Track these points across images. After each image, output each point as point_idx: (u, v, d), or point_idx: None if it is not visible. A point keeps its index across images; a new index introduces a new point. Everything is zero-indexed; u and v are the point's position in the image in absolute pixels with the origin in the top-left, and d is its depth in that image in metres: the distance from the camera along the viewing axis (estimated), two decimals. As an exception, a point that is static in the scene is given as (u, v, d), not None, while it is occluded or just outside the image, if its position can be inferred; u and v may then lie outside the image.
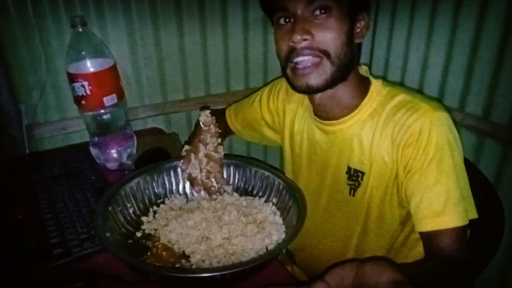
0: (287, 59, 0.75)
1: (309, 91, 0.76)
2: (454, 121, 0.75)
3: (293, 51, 0.73)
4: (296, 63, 0.73)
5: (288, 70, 0.77)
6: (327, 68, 0.73)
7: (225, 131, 1.08)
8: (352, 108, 0.79)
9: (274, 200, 0.86)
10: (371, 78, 0.81)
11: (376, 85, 0.79)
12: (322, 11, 0.71)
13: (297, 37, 0.70)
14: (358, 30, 0.76)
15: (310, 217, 0.74)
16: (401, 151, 0.73)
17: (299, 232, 0.69)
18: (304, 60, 0.73)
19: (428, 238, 0.71)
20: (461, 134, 1.26)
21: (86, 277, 0.70)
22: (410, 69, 1.41)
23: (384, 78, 1.43)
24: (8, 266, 0.70)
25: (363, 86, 0.80)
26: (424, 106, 0.73)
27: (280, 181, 0.85)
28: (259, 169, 0.90)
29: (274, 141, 1.04)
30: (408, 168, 0.72)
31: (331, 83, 0.75)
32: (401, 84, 1.45)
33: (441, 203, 0.69)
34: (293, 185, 0.83)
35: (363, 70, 0.83)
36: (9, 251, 0.74)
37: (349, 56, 0.74)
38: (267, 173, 0.89)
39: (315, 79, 0.74)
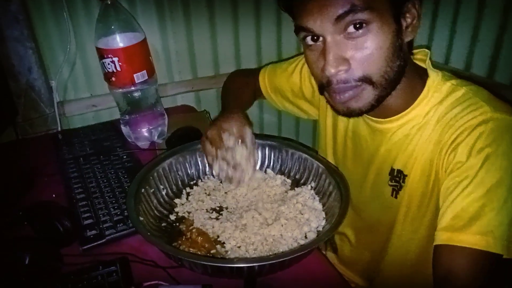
0: (322, 85, 0.65)
1: (353, 115, 0.66)
2: (505, 99, 0.63)
3: (329, 82, 0.62)
4: (334, 89, 0.63)
5: (325, 93, 0.66)
6: (370, 94, 0.63)
7: (253, 96, 1.02)
8: (403, 107, 0.69)
9: (313, 184, 0.81)
10: (429, 70, 0.69)
11: (434, 80, 0.67)
12: (358, 26, 0.58)
13: (331, 71, 0.60)
14: (408, 26, 0.62)
15: (353, 207, 0.69)
16: (444, 153, 0.63)
17: (343, 221, 0.65)
18: (341, 89, 0.62)
19: (437, 254, 0.60)
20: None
21: (120, 261, 0.69)
22: (457, 43, 1.31)
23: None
24: (43, 247, 0.69)
25: (419, 82, 0.68)
26: (483, 106, 0.61)
27: (320, 164, 0.80)
28: (296, 151, 0.85)
29: (307, 113, 0.96)
30: (450, 170, 0.62)
31: (377, 104, 0.65)
32: (446, 60, 1.34)
33: (468, 217, 0.57)
34: (333, 169, 0.78)
35: (422, 54, 0.71)
36: (44, 232, 0.73)
37: (398, 66, 0.62)
38: (304, 155, 0.84)
39: (357, 103, 0.64)
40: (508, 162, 0.58)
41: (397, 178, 0.72)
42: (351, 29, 0.58)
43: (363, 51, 0.59)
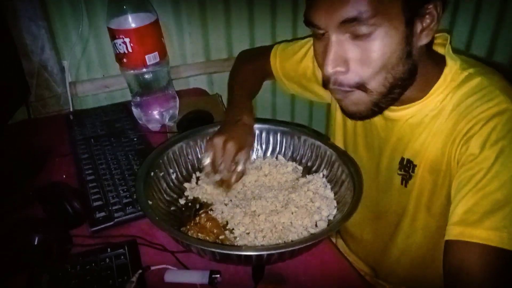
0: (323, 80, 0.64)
1: (354, 118, 0.66)
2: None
3: (327, 80, 0.62)
4: (331, 89, 0.63)
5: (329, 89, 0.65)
6: (365, 100, 0.62)
7: (262, 81, 0.99)
8: (418, 96, 0.66)
9: (325, 172, 0.79)
10: (447, 58, 0.65)
11: (452, 68, 0.64)
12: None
13: (329, 71, 0.59)
14: (424, 29, 0.58)
15: (364, 196, 0.67)
16: (456, 144, 0.61)
17: (356, 210, 0.63)
18: (336, 91, 0.63)
19: (448, 250, 0.57)
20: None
21: (128, 244, 0.69)
22: (479, 28, 1.26)
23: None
24: (53, 227, 0.69)
25: (436, 70, 0.65)
26: (499, 96, 0.59)
27: (333, 152, 0.78)
28: (308, 137, 0.83)
29: (321, 96, 0.93)
30: (462, 163, 0.60)
31: (379, 110, 0.63)
32: (468, 46, 1.29)
33: (481, 212, 0.55)
34: (347, 158, 0.76)
35: (442, 39, 0.67)
36: (54, 213, 0.73)
37: (404, 72, 0.60)
38: (317, 142, 0.82)
39: (355, 108, 0.63)
40: None
41: (407, 167, 0.71)
42: (356, 31, 0.56)
43: (364, 55, 0.57)
